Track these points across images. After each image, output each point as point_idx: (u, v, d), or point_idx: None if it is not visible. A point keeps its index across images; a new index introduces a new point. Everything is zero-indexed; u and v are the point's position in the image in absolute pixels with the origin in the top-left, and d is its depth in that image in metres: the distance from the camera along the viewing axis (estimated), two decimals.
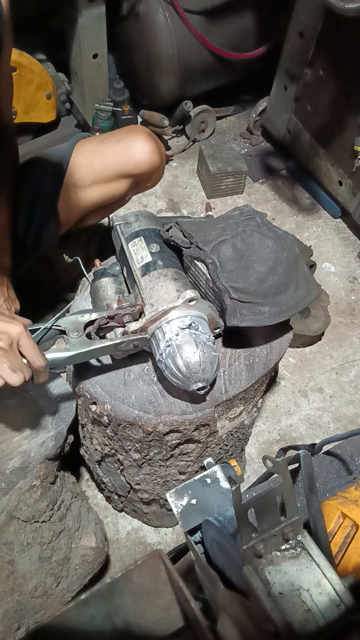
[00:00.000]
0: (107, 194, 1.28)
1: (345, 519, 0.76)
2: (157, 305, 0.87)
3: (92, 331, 0.89)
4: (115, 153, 1.23)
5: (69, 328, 0.89)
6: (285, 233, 0.99)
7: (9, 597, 0.91)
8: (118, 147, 1.23)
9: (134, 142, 1.23)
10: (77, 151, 1.24)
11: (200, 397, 0.91)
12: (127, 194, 1.33)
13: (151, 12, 1.84)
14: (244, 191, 2.05)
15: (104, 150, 1.23)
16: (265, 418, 1.52)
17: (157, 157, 1.25)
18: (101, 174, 1.24)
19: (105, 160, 1.23)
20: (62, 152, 1.24)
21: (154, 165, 1.25)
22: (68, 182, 1.23)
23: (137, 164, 1.24)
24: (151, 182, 1.35)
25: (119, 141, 1.24)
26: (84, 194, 1.26)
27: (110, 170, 1.23)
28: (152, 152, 1.24)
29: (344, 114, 1.72)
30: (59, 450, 0.99)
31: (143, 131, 1.26)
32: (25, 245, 1.24)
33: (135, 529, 1.32)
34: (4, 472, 0.94)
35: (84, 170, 1.23)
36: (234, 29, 1.96)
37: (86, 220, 1.37)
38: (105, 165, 1.23)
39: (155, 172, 1.30)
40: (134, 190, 1.35)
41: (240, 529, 0.51)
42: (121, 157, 1.23)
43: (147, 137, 1.24)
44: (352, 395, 1.58)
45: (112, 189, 1.27)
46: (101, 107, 1.96)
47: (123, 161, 1.23)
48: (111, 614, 0.56)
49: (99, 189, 1.26)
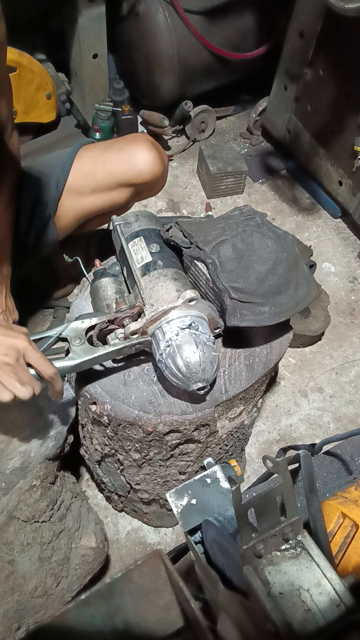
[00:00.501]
0: (108, 202, 1.28)
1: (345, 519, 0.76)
2: (157, 305, 0.88)
3: (94, 337, 0.89)
4: (118, 162, 1.22)
5: (71, 335, 0.89)
6: (285, 233, 0.99)
7: (9, 597, 0.91)
8: (120, 156, 1.23)
9: (136, 151, 1.23)
10: (79, 158, 1.24)
11: (200, 397, 0.91)
12: (129, 202, 1.33)
13: (151, 12, 1.84)
14: (244, 191, 2.05)
15: (106, 159, 1.23)
16: (265, 418, 1.52)
17: (160, 167, 1.25)
18: (103, 182, 1.24)
19: (107, 168, 1.23)
20: (64, 158, 1.24)
21: (156, 175, 1.25)
22: (69, 188, 1.23)
23: (139, 174, 1.23)
24: (153, 191, 1.35)
25: (121, 150, 1.23)
26: (85, 201, 1.26)
27: (112, 179, 1.23)
28: (155, 162, 1.23)
29: (344, 114, 1.72)
30: (59, 450, 0.99)
31: (146, 140, 1.25)
32: (25, 249, 1.24)
33: (135, 529, 1.32)
34: (4, 472, 0.94)
35: (85, 178, 1.23)
36: (234, 29, 1.96)
37: (86, 226, 1.37)
38: (107, 173, 1.23)
39: (158, 182, 1.30)
40: (136, 198, 1.35)
41: (240, 529, 0.51)
42: (123, 167, 1.23)
43: (150, 146, 1.24)
44: (352, 395, 1.58)
45: (113, 197, 1.27)
46: (101, 107, 1.96)
47: (125, 170, 1.23)
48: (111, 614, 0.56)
49: (100, 197, 1.26)
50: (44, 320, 1.62)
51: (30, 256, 1.27)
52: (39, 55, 1.85)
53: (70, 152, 1.25)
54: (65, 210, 1.25)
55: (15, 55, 1.65)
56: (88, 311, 1.04)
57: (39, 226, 1.24)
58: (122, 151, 1.23)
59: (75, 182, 1.23)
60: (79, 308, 1.05)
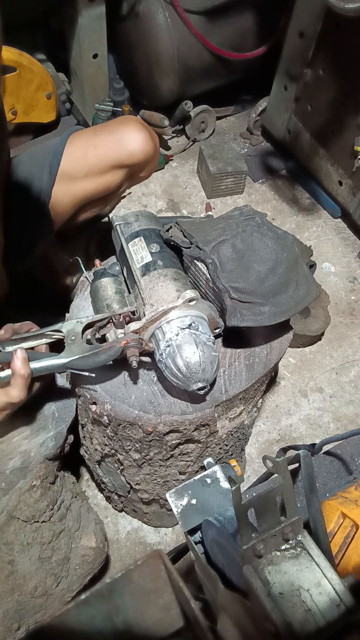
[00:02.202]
0: (101, 186, 1.28)
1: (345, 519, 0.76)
2: (157, 305, 0.87)
3: (92, 338, 0.89)
4: (109, 144, 1.23)
5: (67, 333, 0.89)
6: (285, 233, 0.99)
7: (9, 597, 0.91)
8: (111, 137, 1.23)
9: (126, 132, 1.23)
10: (70, 144, 1.24)
11: (200, 397, 0.91)
12: (122, 185, 1.33)
13: (151, 12, 1.84)
14: (244, 191, 2.05)
15: (97, 142, 1.23)
16: (265, 418, 1.52)
17: (151, 146, 1.25)
18: (95, 166, 1.24)
19: (99, 151, 1.23)
20: (55, 145, 1.24)
21: (147, 154, 1.26)
22: (62, 174, 1.23)
23: (130, 154, 1.24)
24: (145, 172, 1.35)
25: (111, 132, 1.24)
26: (79, 186, 1.26)
27: (104, 161, 1.24)
28: (146, 142, 1.24)
29: (344, 114, 1.72)
30: (59, 450, 0.99)
31: (135, 121, 1.26)
32: (22, 240, 1.24)
33: (135, 529, 1.32)
34: (4, 472, 0.94)
35: (77, 162, 1.23)
36: (234, 29, 1.96)
37: (81, 214, 1.36)
38: (99, 156, 1.23)
39: (149, 162, 1.30)
40: (129, 181, 1.35)
41: (240, 529, 0.51)
42: (114, 148, 1.23)
43: (140, 126, 1.24)
44: (352, 395, 1.58)
45: (106, 180, 1.27)
46: (101, 107, 1.97)
47: (116, 152, 1.23)
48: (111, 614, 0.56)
49: (94, 181, 1.26)
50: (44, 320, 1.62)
51: (26, 249, 1.27)
52: (39, 55, 1.85)
53: (61, 138, 1.25)
54: (60, 197, 1.25)
55: (15, 55, 1.65)
56: (88, 311, 1.04)
57: (33, 215, 1.24)
58: (112, 133, 1.23)
59: (68, 167, 1.23)
60: (79, 308, 1.05)
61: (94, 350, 0.87)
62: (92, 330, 0.90)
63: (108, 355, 0.86)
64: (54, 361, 0.86)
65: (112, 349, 0.86)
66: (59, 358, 0.86)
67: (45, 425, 1.01)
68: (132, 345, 0.86)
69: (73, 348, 0.87)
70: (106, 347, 0.86)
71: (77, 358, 0.86)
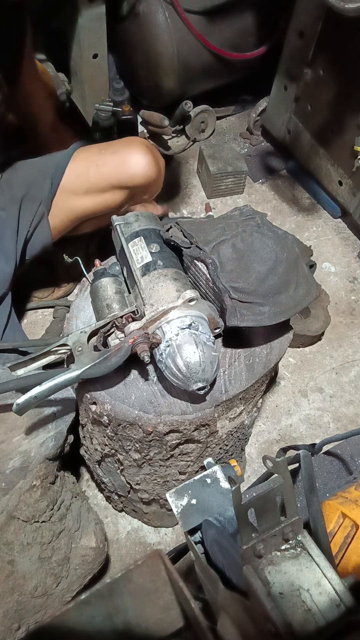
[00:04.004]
0: (101, 204, 1.28)
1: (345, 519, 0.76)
2: (157, 305, 0.87)
3: (99, 344, 0.89)
4: (111, 164, 1.23)
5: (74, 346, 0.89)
6: (285, 233, 0.99)
7: (9, 597, 0.91)
8: (114, 158, 1.23)
9: (130, 154, 1.23)
10: (74, 158, 1.24)
11: (200, 397, 0.91)
12: (122, 205, 1.33)
13: (151, 12, 1.84)
14: (244, 191, 2.05)
15: (100, 160, 1.23)
16: (265, 418, 1.52)
17: (154, 171, 1.25)
18: (96, 184, 1.24)
19: (101, 170, 1.23)
20: (59, 158, 1.24)
21: (150, 178, 1.25)
22: (63, 188, 1.23)
23: (132, 177, 1.24)
24: (148, 194, 1.35)
25: (115, 152, 1.24)
26: (79, 201, 1.26)
27: (105, 180, 1.24)
28: (149, 166, 1.23)
29: (344, 114, 1.72)
30: (59, 450, 0.99)
31: (141, 143, 1.25)
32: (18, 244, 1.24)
33: (135, 529, 1.32)
34: (4, 472, 0.94)
35: (79, 178, 1.24)
36: (234, 29, 1.96)
37: (80, 229, 1.37)
38: (100, 175, 1.23)
39: (152, 186, 1.30)
40: (131, 202, 1.34)
41: (240, 529, 0.51)
42: (116, 169, 1.23)
43: (145, 149, 1.24)
44: (352, 395, 1.58)
45: (106, 199, 1.27)
46: (101, 107, 1.96)
47: (118, 172, 1.23)
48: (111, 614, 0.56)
49: (93, 199, 1.26)
50: (44, 320, 1.62)
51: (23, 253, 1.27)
52: (39, 55, 1.85)
53: (66, 152, 1.25)
54: (59, 209, 1.25)
55: None
56: (88, 311, 1.04)
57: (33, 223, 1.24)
58: (116, 153, 1.23)
59: (69, 181, 1.23)
60: (79, 308, 1.05)
61: (104, 355, 0.86)
62: (98, 337, 0.90)
63: (119, 356, 0.85)
64: (67, 375, 0.85)
65: (122, 350, 0.85)
66: (72, 371, 0.85)
67: (45, 425, 1.01)
68: (140, 341, 0.85)
69: (82, 358, 0.87)
70: (115, 350, 0.86)
71: (89, 367, 0.85)
